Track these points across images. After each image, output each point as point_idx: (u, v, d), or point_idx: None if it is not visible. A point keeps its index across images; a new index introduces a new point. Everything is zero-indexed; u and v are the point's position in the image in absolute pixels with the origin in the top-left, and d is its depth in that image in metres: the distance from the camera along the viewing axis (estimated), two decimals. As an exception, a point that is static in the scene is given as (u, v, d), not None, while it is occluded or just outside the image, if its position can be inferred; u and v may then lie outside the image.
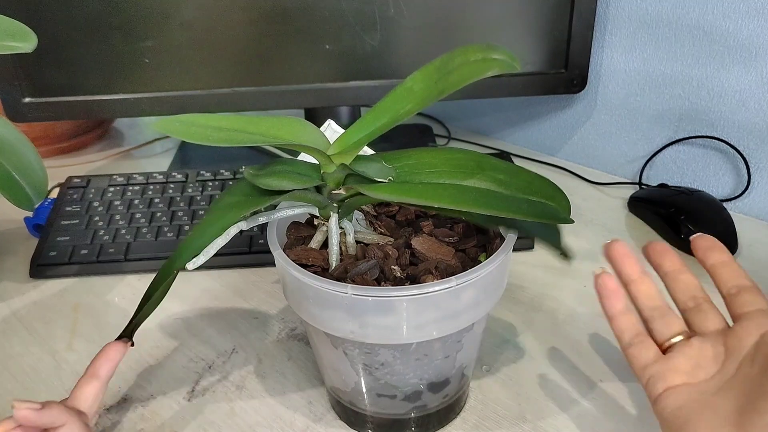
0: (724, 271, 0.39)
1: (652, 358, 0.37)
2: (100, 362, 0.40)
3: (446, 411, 0.43)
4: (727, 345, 0.36)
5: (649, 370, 0.37)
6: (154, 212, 0.65)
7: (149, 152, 0.88)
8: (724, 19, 0.63)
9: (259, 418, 0.45)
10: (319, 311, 0.37)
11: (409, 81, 0.37)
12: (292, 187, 0.37)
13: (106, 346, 0.41)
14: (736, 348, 0.35)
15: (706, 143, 0.69)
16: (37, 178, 0.48)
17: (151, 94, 0.69)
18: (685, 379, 0.36)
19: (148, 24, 0.65)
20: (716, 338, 0.37)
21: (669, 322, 0.38)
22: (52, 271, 0.60)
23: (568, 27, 0.69)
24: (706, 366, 0.36)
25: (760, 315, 0.36)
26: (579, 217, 0.68)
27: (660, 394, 0.36)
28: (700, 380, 0.36)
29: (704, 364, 0.36)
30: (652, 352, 0.38)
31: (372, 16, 0.67)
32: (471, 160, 0.38)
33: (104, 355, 0.40)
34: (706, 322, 0.38)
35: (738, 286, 0.38)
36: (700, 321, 0.38)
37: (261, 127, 0.37)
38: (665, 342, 0.38)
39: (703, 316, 0.38)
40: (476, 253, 0.40)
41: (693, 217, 0.61)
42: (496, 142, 0.88)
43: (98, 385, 0.40)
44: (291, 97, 0.70)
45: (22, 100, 0.68)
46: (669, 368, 0.37)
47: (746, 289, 0.38)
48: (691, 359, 0.36)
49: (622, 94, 0.74)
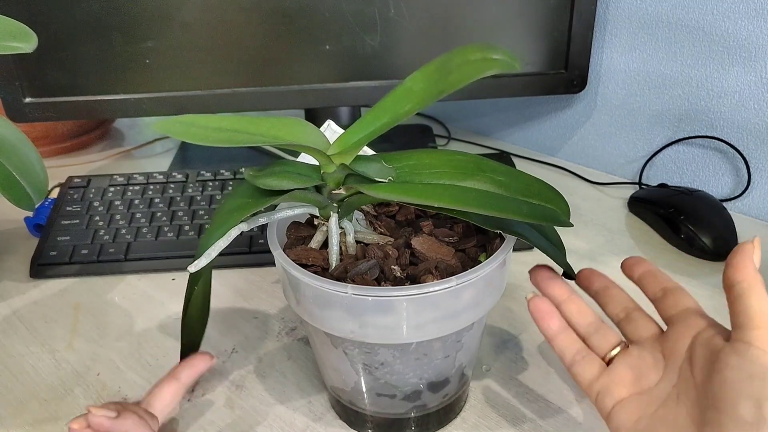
0: (648, 279, 0.40)
1: (596, 373, 0.38)
2: (183, 367, 0.42)
3: (446, 411, 0.44)
4: (664, 350, 0.37)
5: (595, 386, 0.37)
6: (155, 212, 0.65)
7: (150, 152, 0.88)
8: (724, 19, 0.63)
9: (259, 417, 0.45)
10: (319, 311, 0.37)
11: (408, 81, 0.37)
12: (292, 187, 0.37)
13: (193, 356, 0.43)
14: (673, 352, 0.36)
15: (705, 143, 0.69)
16: (37, 178, 0.49)
17: (151, 94, 0.69)
18: (631, 390, 0.36)
19: (148, 24, 0.65)
20: (653, 344, 0.37)
21: (605, 335, 0.39)
22: (53, 270, 0.61)
23: (568, 27, 0.69)
24: (648, 374, 0.36)
25: (689, 315, 0.37)
26: (579, 217, 0.68)
27: (611, 410, 0.36)
28: (645, 389, 0.36)
29: (646, 372, 0.36)
30: (595, 367, 0.38)
31: (372, 17, 0.67)
32: (471, 162, 0.38)
33: (189, 362, 0.42)
34: (639, 330, 0.39)
35: (663, 289, 0.39)
36: (633, 329, 0.39)
37: (261, 127, 0.37)
38: (605, 355, 0.39)
39: (635, 324, 0.39)
40: (476, 253, 0.40)
41: (693, 217, 0.61)
42: (496, 142, 0.88)
43: (178, 387, 0.42)
44: (291, 98, 0.70)
45: (23, 100, 0.68)
46: (613, 381, 0.37)
47: (671, 291, 0.38)
48: (632, 369, 0.37)
49: (622, 94, 0.74)
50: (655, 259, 0.61)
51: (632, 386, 0.36)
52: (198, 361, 0.43)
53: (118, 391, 0.48)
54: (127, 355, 0.51)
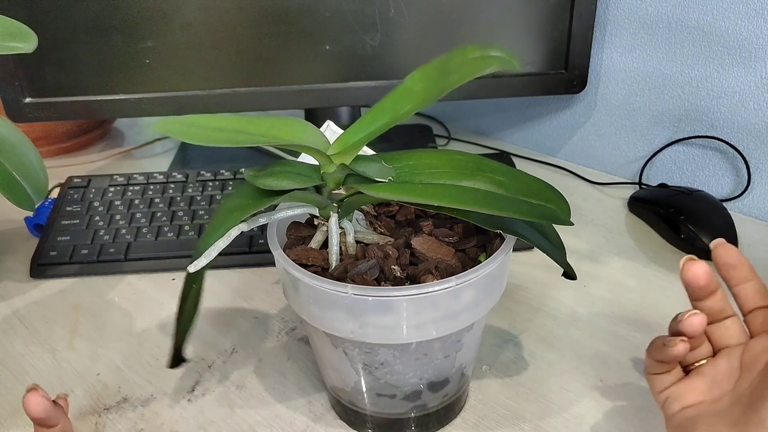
0: (749, 290, 0.37)
1: (671, 381, 0.38)
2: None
3: (446, 410, 0.43)
4: (743, 361, 0.36)
5: (666, 393, 0.37)
6: (155, 212, 0.65)
7: (150, 152, 0.88)
8: (724, 19, 0.63)
9: (259, 417, 0.45)
10: (319, 311, 0.37)
11: (408, 81, 0.37)
12: (292, 187, 0.37)
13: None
14: (752, 365, 0.35)
15: (705, 143, 0.69)
16: (37, 178, 0.49)
17: (151, 94, 0.69)
18: (699, 398, 0.36)
19: (148, 24, 0.65)
20: (733, 354, 0.37)
21: (699, 350, 0.38)
22: (53, 270, 0.61)
23: (568, 27, 0.69)
24: (720, 383, 0.36)
25: None
26: (579, 217, 0.68)
27: (676, 413, 0.36)
28: (714, 398, 0.36)
29: (719, 381, 0.36)
30: (675, 377, 0.38)
31: (372, 17, 0.67)
32: (471, 162, 0.38)
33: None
34: (728, 338, 0.37)
35: (762, 307, 0.37)
36: (721, 336, 0.38)
37: (261, 127, 0.37)
38: (690, 366, 0.38)
39: (725, 330, 0.38)
40: (476, 253, 0.40)
41: (693, 217, 0.61)
42: (496, 142, 0.88)
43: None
44: (291, 98, 0.70)
45: (23, 100, 0.68)
46: (685, 390, 0.37)
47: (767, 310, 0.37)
48: (707, 378, 0.37)
49: (622, 94, 0.74)
50: (655, 259, 0.61)
51: (702, 395, 0.36)
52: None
53: (118, 391, 0.48)
54: (127, 355, 0.51)
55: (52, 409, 0.37)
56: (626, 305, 0.55)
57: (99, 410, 0.46)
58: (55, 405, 0.37)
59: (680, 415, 0.36)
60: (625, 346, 0.50)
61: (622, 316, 0.54)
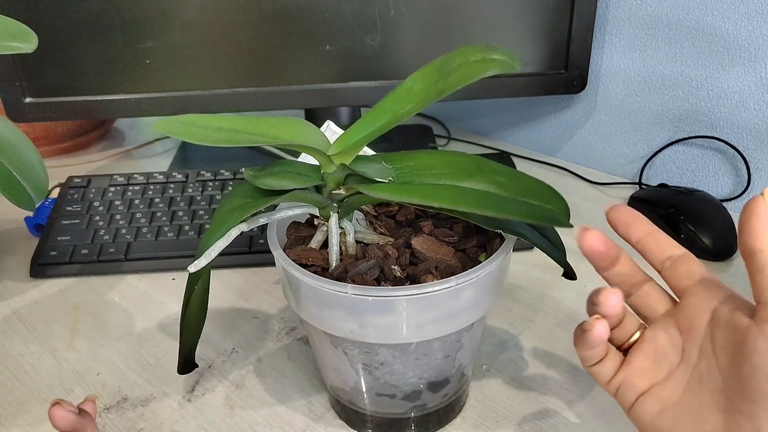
0: (651, 245, 0.35)
1: (614, 368, 0.35)
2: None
3: (446, 410, 0.44)
4: (681, 326, 0.34)
5: (615, 381, 0.35)
6: (155, 212, 0.65)
7: (150, 152, 0.88)
8: (724, 20, 0.63)
9: (259, 417, 0.45)
10: (319, 311, 0.37)
11: (409, 81, 0.37)
12: (292, 187, 0.37)
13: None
14: (691, 329, 0.33)
15: (705, 143, 0.69)
16: (37, 177, 0.49)
17: (151, 94, 0.69)
18: (651, 380, 0.34)
19: (148, 25, 0.65)
20: (667, 321, 0.34)
21: (624, 325, 0.35)
22: (53, 270, 0.61)
23: (568, 28, 0.69)
24: (666, 356, 0.34)
25: (705, 286, 0.34)
26: (579, 217, 0.68)
27: (632, 404, 0.34)
28: (665, 375, 0.34)
29: (664, 354, 0.34)
30: (613, 362, 0.35)
31: (372, 17, 0.67)
32: (471, 163, 0.38)
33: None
34: (653, 305, 0.35)
35: (671, 257, 0.35)
36: (646, 304, 0.36)
37: (261, 127, 0.37)
38: (623, 344, 0.36)
39: (649, 298, 0.36)
40: (476, 253, 0.40)
41: (693, 217, 0.61)
42: (496, 142, 0.88)
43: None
44: (291, 98, 0.70)
45: (23, 100, 0.68)
46: (632, 373, 0.34)
47: (681, 259, 0.35)
48: (649, 355, 0.34)
49: (622, 94, 0.74)
50: (655, 259, 0.61)
51: (652, 375, 0.34)
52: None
53: (118, 391, 0.48)
54: (127, 355, 0.51)
55: (78, 420, 0.36)
56: (626, 305, 0.55)
57: (99, 410, 0.46)
58: (81, 413, 0.37)
59: (644, 413, 0.33)
60: (625, 346, 0.50)
61: (622, 316, 0.54)
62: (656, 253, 0.35)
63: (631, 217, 0.36)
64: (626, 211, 0.36)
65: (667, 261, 0.35)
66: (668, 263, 0.35)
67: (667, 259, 0.35)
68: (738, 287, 0.59)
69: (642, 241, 0.35)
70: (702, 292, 0.33)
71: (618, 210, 0.36)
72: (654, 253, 0.35)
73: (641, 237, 0.35)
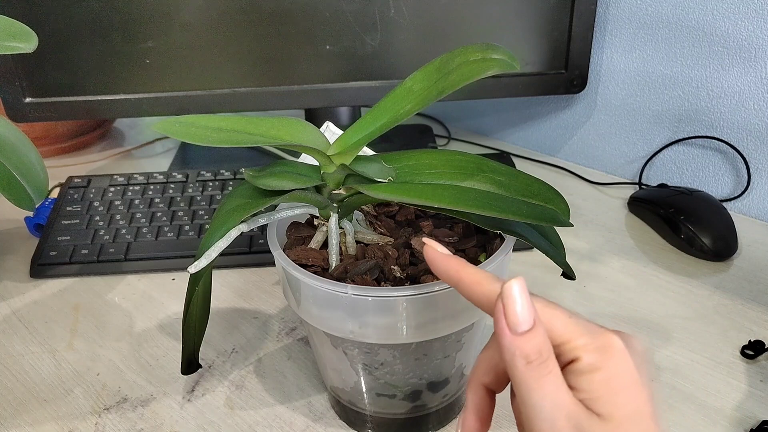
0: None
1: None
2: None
3: (446, 410, 0.44)
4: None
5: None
6: (155, 212, 0.65)
7: (150, 152, 0.88)
8: (724, 19, 0.63)
9: (259, 417, 0.45)
10: (319, 311, 0.37)
11: (408, 81, 0.38)
12: (292, 187, 0.37)
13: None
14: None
15: (705, 143, 0.69)
16: (37, 177, 0.49)
17: (151, 94, 0.69)
18: None
19: (148, 25, 0.65)
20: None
21: None
22: (53, 270, 0.61)
23: (568, 27, 0.69)
24: None
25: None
26: (579, 217, 0.68)
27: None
28: None
29: None
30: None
31: (372, 17, 0.67)
32: (471, 162, 0.38)
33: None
34: None
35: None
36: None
37: (261, 127, 0.37)
38: None
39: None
40: (476, 253, 0.40)
41: (693, 217, 0.61)
42: (496, 142, 0.88)
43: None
44: (291, 98, 0.70)
45: (23, 100, 0.68)
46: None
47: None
48: None
49: (622, 94, 0.74)
50: (655, 259, 0.61)
51: None
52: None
53: (118, 391, 0.48)
54: (127, 355, 0.51)
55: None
56: (626, 305, 0.55)
57: (99, 410, 0.46)
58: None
59: None
60: (625, 346, 0.50)
61: (622, 316, 0.54)
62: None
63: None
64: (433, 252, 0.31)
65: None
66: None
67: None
68: (738, 287, 0.59)
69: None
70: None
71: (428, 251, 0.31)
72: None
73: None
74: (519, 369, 0.27)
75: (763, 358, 0.49)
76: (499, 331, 0.27)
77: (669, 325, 0.53)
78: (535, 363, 0.27)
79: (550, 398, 0.26)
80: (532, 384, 0.26)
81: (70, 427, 0.45)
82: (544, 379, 0.26)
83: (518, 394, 0.27)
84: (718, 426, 0.44)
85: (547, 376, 0.26)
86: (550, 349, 0.27)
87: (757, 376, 0.47)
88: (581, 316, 0.29)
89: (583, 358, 0.27)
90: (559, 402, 0.26)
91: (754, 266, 0.59)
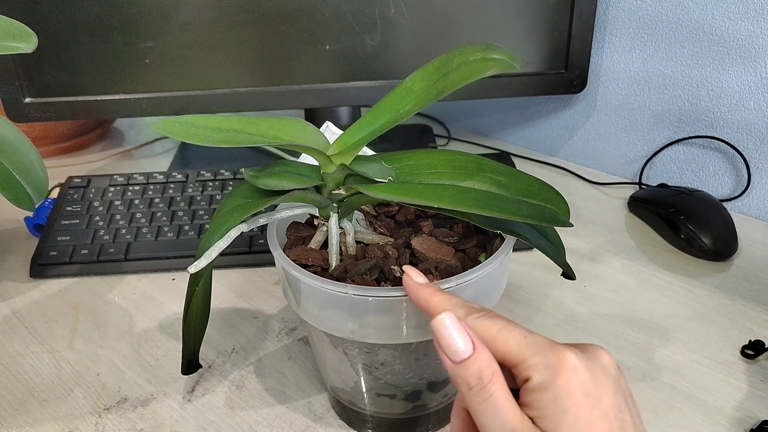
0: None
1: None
2: None
3: (446, 410, 0.43)
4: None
5: None
6: (155, 212, 0.65)
7: (150, 152, 0.88)
8: (724, 19, 0.63)
9: (259, 417, 0.45)
10: (319, 311, 0.37)
11: (408, 81, 0.37)
12: (292, 187, 0.37)
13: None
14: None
15: (705, 143, 0.69)
16: (37, 177, 0.49)
17: (151, 94, 0.69)
18: None
19: (148, 24, 0.65)
20: None
21: None
22: (53, 270, 0.61)
23: (568, 27, 0.69)
24: None
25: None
26: (579, 217, 0.68)
27: None
28: None
29: None
30: None
31: (372, 17, 0.67)
32: (471, 162, 0.38)
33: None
34: None
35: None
36: None
37: (261, 127, 0.37)
38: None
39: None
40: (476, 253, 0.40)
41: (693, 217, 0.61)
42: (496, 142, 0.88)
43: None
44: (291, 98, 0.70)
45: (23, 100, 0.68)
46: None
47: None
48: None
49: (622, 94, 0.74)
50: (655, 259, 0.61)
51: None
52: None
53: (118, 391, 0.48)
54: (127, 355, 0.51)
55: None
56: (626, 305, 0.55)
57: (99, 410, 0.46)
58: None
59: None
60: (624, 346, 0.50)
61: (622, 316, 0.54)
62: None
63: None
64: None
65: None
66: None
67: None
68: (738, 287, 0.59)
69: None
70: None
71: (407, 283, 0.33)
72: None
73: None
74: (464, 393, 0.29)
75: (763, 358, 0.49)
76: (442, 361, 0.29)
77: (669, 325, 0.53)
78: (476, 388, 0.28)
79: (494, 420, 0.28)
80: (476, 407, 0.28)
81: (70, 427, 0.45)
82: (486, 403, 0.28)
83: (471, 415, 0.29)
84: (718, 426, 0.44)
85: (488, 399, 0.28)
86: (492, 372, 0.28)
87: (757, 376, 0.47)
88: (538, 335, 0.30)
89: (533, 377, 0.28)
90: (502, 422, 0.28)
91: (754, 266, 0.59)
